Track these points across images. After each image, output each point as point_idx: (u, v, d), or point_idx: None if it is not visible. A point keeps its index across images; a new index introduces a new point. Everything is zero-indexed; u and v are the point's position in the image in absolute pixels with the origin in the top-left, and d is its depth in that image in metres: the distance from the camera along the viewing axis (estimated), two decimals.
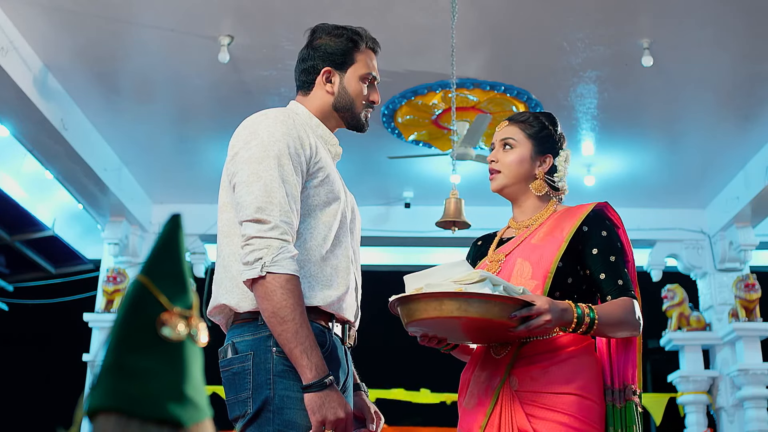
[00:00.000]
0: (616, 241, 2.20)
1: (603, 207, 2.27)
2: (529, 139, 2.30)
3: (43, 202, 7.24)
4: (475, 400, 2.16)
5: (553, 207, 2.31)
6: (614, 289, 2.14)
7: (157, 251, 0.84)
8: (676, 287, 7.12)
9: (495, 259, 2.26)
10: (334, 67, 2.16)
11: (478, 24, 4.71)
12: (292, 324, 1.86)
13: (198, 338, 0.83)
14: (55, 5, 4.52)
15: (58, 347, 8.50)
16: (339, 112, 2.18)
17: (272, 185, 1.93)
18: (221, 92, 5.45)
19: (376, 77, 2.22)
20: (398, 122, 5.81)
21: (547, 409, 2.05)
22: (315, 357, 1.87)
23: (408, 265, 8.04)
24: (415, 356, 7.59)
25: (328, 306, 1.99)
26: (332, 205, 2.05)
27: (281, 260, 1.87)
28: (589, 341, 2.16)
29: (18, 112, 5.11)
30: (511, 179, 2.29)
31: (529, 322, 1.93)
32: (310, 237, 2.00)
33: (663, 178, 6.76)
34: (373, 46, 2.25)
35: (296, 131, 2.02)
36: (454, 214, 4.52)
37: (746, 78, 5.22)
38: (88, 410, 0.79)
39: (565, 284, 2.16)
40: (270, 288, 1.87)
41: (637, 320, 2.11)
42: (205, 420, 0.81)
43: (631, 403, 2.13)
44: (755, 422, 6.59)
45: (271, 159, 1.95)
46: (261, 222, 1.91)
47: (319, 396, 1.85)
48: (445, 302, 1.91)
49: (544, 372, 2.09)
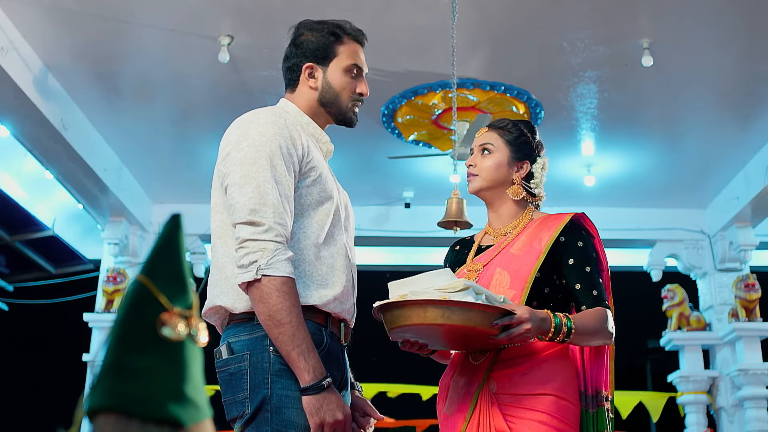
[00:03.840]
0: (592, 252, 2.25)
1: (579, 217, 2.31)
2: (507, 145, 2.35)
3: (43, 202, 7.24)
4: (455, 405, 2.21)
5: (530, 214, 2.35)
6: (589, 299, 2.19)
7: (157, 251, 0.84)
8: (676, 287, 7.12)
9: (473, 268, 2.30)
10: (316, 62, 2.15)
11: (478, 24, 4.71)
12: (288, 327, 1.85)
13: (198, 338, 0.83)
14: (55, 5, 4.52)
15: (58, 347, 8.51)
16: (325, 107, 2.16)
17: (265, 186, 1.92)
18: (221, 92, 5.45)
19: (362, 68, 2.18)
20: (398, 122, 5.81)
21: (526, 409, 2.10)
22: (312, 359, 1.86)
23: (408, 265, 8.05)
24: (413, 354, 7.60)
25: (324, 305, 1.99)
26: (325, 204, 2.04)
27: (276, 263, 1.87)
28: (562, 346, 2.20)
29: (18, 112, 5.11)
30: (488, 182, 2.34)
31: (510, 330, 1.97)
32: (304, 236, 2.00)
33: (663, 178, 6.76)
34: (358, 37, 2.19)
35: (288, 131, 2.01)
36: (456, 214, 4.53)
37: (746, 78, 5.22)
38: (88, 410, 0.79)
39: (542, 294, 2.21)
40: (266, 291, 1.86)
41: (610, 330, 2.17)
42: (205, 420, 0.81)
43: (603, 408, 2.20)
44: (755, 422, 6.59)
45: (264, 160, 1.94)
46: (255, 224, 1.90)
47: (317, 398, 1.85)
48: (429, 309, 1.95)
49: (523, 374, 2.14)
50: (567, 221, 2.26)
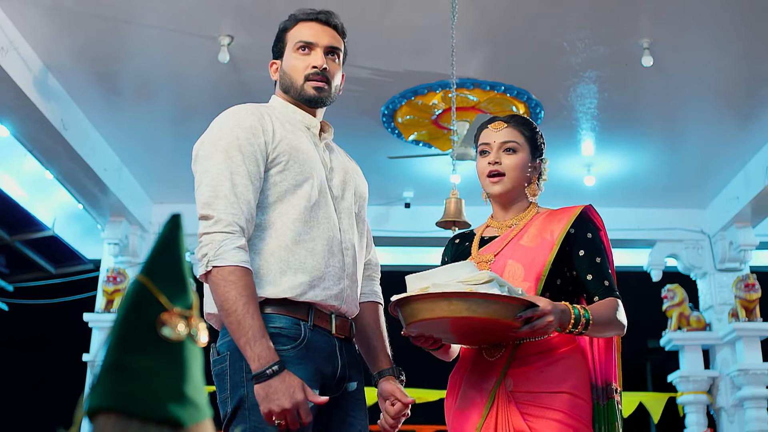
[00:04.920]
0: (600, 243, 2.24)
1: (587, 209, 2.30)
2: (528, 142, 2.31)
3: (43, 202, 7.24)
4: (469, 401, 2.18)
5: (534, 209, 2.33)
6: (601, 289, 2.18)
7: (157, 251, 0.84)
8: (676, 287, 7.12)
9: (483, 259, 2.25)
10: (275, 57, 2.22)
11: (478, 24, 4.71)
12: (234, 315, 1.85)
13: (198, 338, 0.83)
14: (55, 5, 4.52)
15: (58, 347, 8.50)
16: (288, 94, 2.19)
17: (218, 179, 1.95)
18: (221, 92, 5.45)
19: (310, 42, 2.14)
20: (398, 122, 5.81)
21: (543, 407, 2.09)
22: (258, 347, 1.83)
23: (408, 265, 8.04)
24: (415, 354, 7.60)
25: (301, 295, 1.95)
26: (303, 186, 2.02)
27: (223, 253, 1.88)
28: (577, 342, 2.20)
29: (18, 112, 5.11)
30: (515, 183, 2.28)
31: (534, 322, 1.95)
32: (282, 223, 1.99)
33: (663, 178, 6.76)
34: (311, 17, 2.17)
35: (248, 121, 2.02)
36: (454, 214, 4.53)
37: (746, 78, 5.22)
38: (88, 410, 0.79)
39: (555, 285, 2.19)
40: (214, 281, 1.88)
41: (623, 321, 2.17)
42: (205, 420, 0.81)
43: (613, 401, 2.20)
44: (755, 422, 6.59)
45: (219, 153, 1.98)
46: (207, 218, 1.93)
47: (262, 387, 1.83)
48: (454, 302, 1.91)
49: (539, 372, 2.12)
50: (578, 213, 2.24)
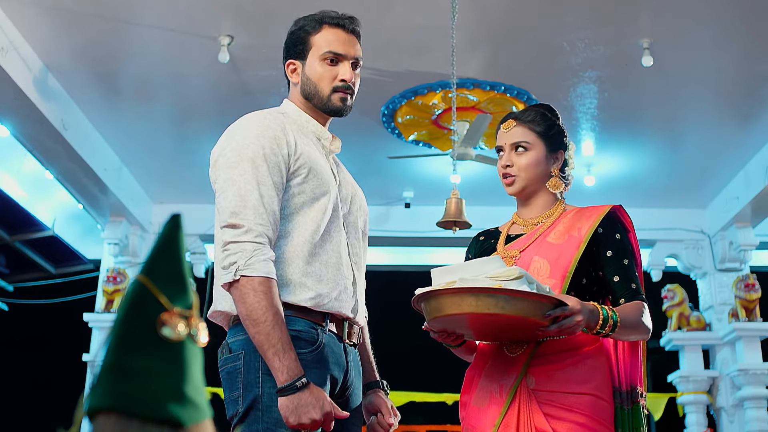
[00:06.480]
0: (628, 245, 2.21)
1: (617, 210, 2.26)
2: (541, 138, 2.25)
3: (43, 202, 7.24)
4: (487, 397, 2.13)
5: (561, 206, 2.28)
6: (628, 292, 2.14)
7: (157, 251, 0.84)
8: (676, 287, 7.12)
9: (508, 255, 2.21)
10: (295, 58, 2.16)
11: (478, 24, 4.71)
12: (264, 326, 1.86)
13: (198, 338, 0.83)
14: (55, 5, 4.52)
15: (58, 347, 8.50)
16: (309, 101, 2.15)
17: (246, 189, 1.95)
18: (221, 92, 5.45)
19: (341, 54, 2.11)
20: (398, 122, 5.81)
21: (565, 409, 2.04)
22: (287, 359, 1.86)
23: (408, 265, 8.05)
24: (414, 357, 7.60)
25: (318, 305, 1.98)
26: (320, 200, 2.04)
27: (254, 263, 1.89)
28: (600, 342, 2.15)
29: (18, 112, 5.11)
30: (529, 181, 2.25)
31: (562, 321, 1.91)
32: (298, 234, 2.00)
33: (663, 178, 6.76)
34: (338, 23, 2.13)
35: (272, 131, 2.02)
36: (455, 214, 4.53)
37: (746, 78, 5.22)
38: (88, 410, 0.79)
39: (580, 285, 2.15)
40: (243, 291, 1.89)
41: (648, 326, 2.12)
42: (205, 420, 0.81)
43: (638, 405, 2.15)
44: (755, 422, 6.59)
45: (245, 162, 1.97)
46: (235, 227, 1.93)
47: (291, 399, 1.85)
48: (482, 298, 1.86)
49: (562, 371, 2.07)
50: (606, 212, 2.21)
